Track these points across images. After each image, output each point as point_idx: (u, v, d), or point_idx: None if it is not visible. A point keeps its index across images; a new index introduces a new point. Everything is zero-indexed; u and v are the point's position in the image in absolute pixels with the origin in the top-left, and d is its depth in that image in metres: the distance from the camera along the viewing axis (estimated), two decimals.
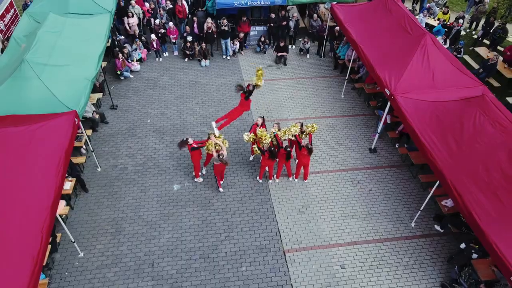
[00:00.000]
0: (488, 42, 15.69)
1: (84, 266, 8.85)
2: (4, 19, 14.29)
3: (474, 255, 8.52)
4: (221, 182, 10.46)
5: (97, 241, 9.33)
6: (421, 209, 9.61)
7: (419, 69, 10.65)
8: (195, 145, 9.84)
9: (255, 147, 10.09)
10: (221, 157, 9.52)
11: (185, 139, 9.88)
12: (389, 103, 10.73)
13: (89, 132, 11.47)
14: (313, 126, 10.20)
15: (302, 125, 10.37)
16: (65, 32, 11.40)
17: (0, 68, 10.69)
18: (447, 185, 8.28)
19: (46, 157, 8.04)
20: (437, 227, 9.78)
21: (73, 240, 8.77)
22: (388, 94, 10.43)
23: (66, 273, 8.70)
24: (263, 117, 10.65)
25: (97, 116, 11.95)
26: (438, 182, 8.81)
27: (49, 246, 8.40)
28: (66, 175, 9.39)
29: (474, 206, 7.71)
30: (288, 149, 10.07)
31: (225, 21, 14.56)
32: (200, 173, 10.73)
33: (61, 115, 9.08)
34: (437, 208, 10.10)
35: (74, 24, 11.97)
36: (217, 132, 10.12)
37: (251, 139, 10.18)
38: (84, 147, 11.17)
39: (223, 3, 14.65)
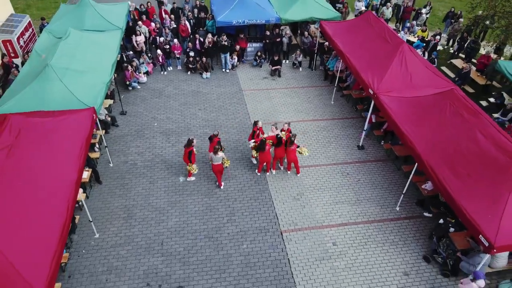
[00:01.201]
0: (463, 56, 17.25)
1: (100, 245, 9.72)
2: (23, 36, 15.71)
3: (451, 229, 9.52)
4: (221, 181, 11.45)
5: (111, 224, 10.25)
6: (403, 192, 10.70)
7: (398, 72, 12.02)
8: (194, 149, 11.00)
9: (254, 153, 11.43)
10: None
11: (190, 138, 10.94)
12: (373, 102, 12.03)
13: (102, 132, 12.55)
14: (304, 151, 11.46)
15: (289, 124, 11.75)
16: (83, 44, 12.79)
17: (24, 74, 11.94)
18: (424, 166, 9.41)
19: (70, 142, 9.13)
20: (426, 214, 10.74)
21: (91, 220, 9.70)
22: (372, 93, 11.74)
23: (84, 251, 9.57)
24: (256, 121, 11.85)
25: (109, 119, 13.12)
26: (416, 164, 9.93)
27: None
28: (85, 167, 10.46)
29: (448, 182, 8.80)
30: (279, 136, 11.15)
31: (225, 37, 16.08)
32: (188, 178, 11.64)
33: (82, 110, 10.25)
34: (419, 194, 11.16)
35: (90, 38, 13.40)
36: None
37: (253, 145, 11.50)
38: (97, 146, 12.25)
39: (223, 21, 16.23)
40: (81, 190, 10.21)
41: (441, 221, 9.76)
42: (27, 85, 10.87)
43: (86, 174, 10.59)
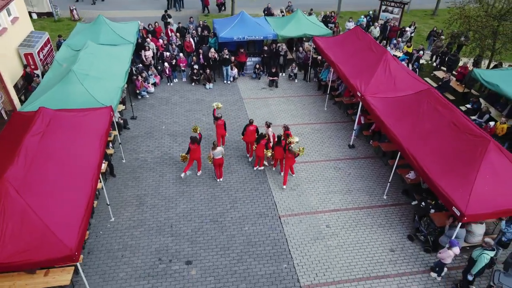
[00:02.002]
0: (445, 68, 18.81)
1: (115, 227, 10.74)
2: (43, 50, 17.19)
3: (432, 210, 10.63)
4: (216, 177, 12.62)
5: (124, 210, 11.30)
6: (389, 181, 11.87)
7: (383, 77, 13.45)
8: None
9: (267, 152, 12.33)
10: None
11: (194, 137, 12.07)
12: (360, 104, 13.37)
13: (116, 132, 13.76)
14: (300, 149, 12.26)
15: (287, 128, 13.01)
16: (99, 55, 14.23)
17: (47, 79, 13.28)
18: (406, 153, 10.63)
19: (92, 132, 10.32)
20: (413, 203, 11.80)
21: (108, 203, 10.78)
22: (360, 95, 13.10)
23: (101, 232, 10.57)
24: (251, 120, 13.14)
25: (121, 121, 14.36)
26: (399, 154, 11.14)
27: None
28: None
29: (426, 165, 10.00)
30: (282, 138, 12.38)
31: (226, 51, 17.62)
32: (183, 174, 12.50)
33: (101, 108, 11.49)
34: (404, 184, 12.30)
35: (105, 50, 14.88)
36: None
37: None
38: (111, 144, 13.43)
39: (225, 37, 17.82)
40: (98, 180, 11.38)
41: (422, 203, 10.86)
42: (52, 87, 12.21)
43: (103, 166, 11.72)
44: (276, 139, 12.44)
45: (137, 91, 16.59)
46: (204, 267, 9.78)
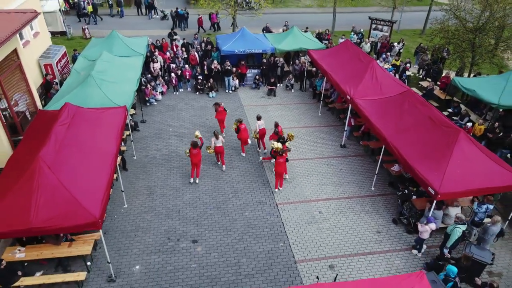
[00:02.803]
0: (430, 79, 20.35)
1: (128, 212, 11.91)
2: (60, 62, 18.75)
3: (414, 196, 11.82)
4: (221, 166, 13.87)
5: (136, 198, 12.48)
6: (376, 173, 13.10)
7: (370, 82, 14.91)
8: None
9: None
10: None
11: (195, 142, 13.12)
12: (350, 107, 14.76)
13: (129, 132, 15.07)
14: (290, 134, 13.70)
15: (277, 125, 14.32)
16: (114, 63, 15.74)
17: (68, 85, 14.70)
18: (389, 145, 11.93)
19: (110, 126, 11.65)
20: (399, 193, 13.00)
21: (122, 190, 11.98)
22: (349, 98, 14.51)
23: (115, 216, 11.73)
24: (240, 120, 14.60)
25: (132, 123, 15.71)
26: (383, 147, 12.43)
27: None
28: None
29: (406, 153, 11.28)
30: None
31: (228, 62, 19.19)
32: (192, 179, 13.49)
33: (117, 107, 12.87)
34: (390, 177, 13.53)
35: (119, 59, 16.41)
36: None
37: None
38: (123, 143, 14.72)
39: (227, 50, 19.43)
40: None
41: (405, 191, 12.06)
42: (72, 90, 13.63)
43: (118, 160, 12.97)
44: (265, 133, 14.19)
45: (146, 99, 18.04)
46: (208, 245, 10.90)
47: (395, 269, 10.33)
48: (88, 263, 10.04)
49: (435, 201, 10.18)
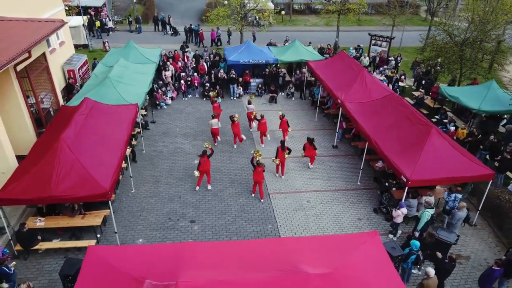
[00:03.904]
0: (423, 90, 21.57)
1: (135, 196, 13.34)
2: (81, 69, 20.73)
3: (393, 188, 12.95)
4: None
5: (143, 185, 13.94)
6: (361, 168, 14.31)
7: (360, 88, 16.26)
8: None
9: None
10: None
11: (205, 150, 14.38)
12: (341, 109, 16.10)
13: (138, 129, 16.67)
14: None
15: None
16: (129, 68, 17.55)
17: (87, 86, 16.50)
18: (370, 141, 13.18)
19: (122, 119, 13.24)
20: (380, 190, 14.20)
21: (131, 175, 13.47)
22: (340, 102, 15.87)
23: (124, 199, 13.18)
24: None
25: (143, 122, 17.36)
26: (367, 143, 13.67)
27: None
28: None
29: (384, 147, 12.51)
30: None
31: (233, 71, 20.86)
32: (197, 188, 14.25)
33: (129, 105, 14.51)
34: (375, 173, 14.69)
35: (134, 65, 18.24)
36: None
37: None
38: (133, 139, 16.31)
39: (233, 60, 21.14)
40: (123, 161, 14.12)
41: (386, 183, 13.20)
42: (91, 90, 15.40)
43: (128, 151, 14.55)
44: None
45: (157, 102, 19.75)
46: (204, 225, 12.20)
47: None
48: (98, 235, 11.45)
49: (406, 188, 11.33)
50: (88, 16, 34.26)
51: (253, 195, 13.70)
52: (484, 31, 18.26)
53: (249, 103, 18.11)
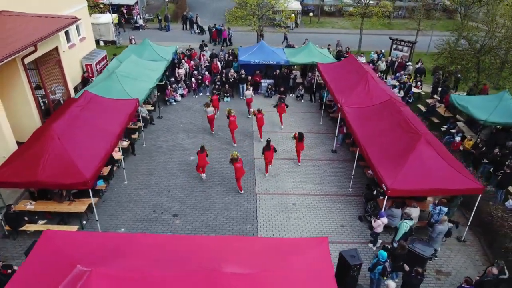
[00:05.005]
0: (439, 98, 20.66)
1: (127, 187, 13.87)
2: (100, 64, 21.78)
3: (381, 197, 12.58)
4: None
5: (136, 177, 14.46)
6: (352, 174, 14.01)
7: (362, 93, 15.92)
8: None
9: None
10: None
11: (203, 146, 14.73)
12: (340, 115, 15.83)
13: (141, 124, 17.25)
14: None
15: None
16: (139, 65, 18.24)
17: (97, 80, 17.34)
18: (360, 147, 12.90)
19: (119, 113, 13.78)
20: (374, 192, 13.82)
21: (123, 167, 14.03)
22: (339, 105, 15.61)
23: (116, 190, 13.74)
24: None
25: (148, 117, 17.96)
26: (358, 149, 13.38)
27: (108, 168, 13.66)
28: (126, 138, 15.14)
29: (371, 153, 12.22)
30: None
31: (243, 71, 21.05)
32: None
33: (130, 99, 15.08)
34: (368, 181, 14.31)
35: (144, 62, 18.91)
36: None
37: None
38: (137, 133, 16.92)
39: (243, 60, 21.35)
40: (120, 153, 14.70)
41: (375, 191, 12.85)
42: (98, 83, 16.16)
43: (126, 144, 15.16)
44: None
45: (166, 99, 20.34)
46: (186, 220, 12.49)
47: None
48: (84, 222, 12.05)
49: (386, 197, 11.00)
50: (119, 14, 35.74)
51: (241, 192, 13.89)
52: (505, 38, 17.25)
53: (248, 89, 19.38)
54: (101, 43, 31.36)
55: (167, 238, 8.35)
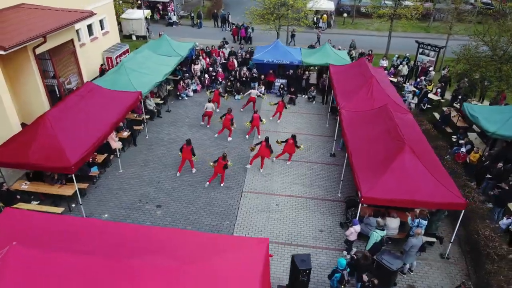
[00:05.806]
0: (457, 106, 19.48)
1: (121, 176, 14.46)
2: (121, 57, 22.77)
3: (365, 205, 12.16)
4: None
5: (132, 167, 15.02)
6: (341, 179, 13.65)
7: (364, 96, 15.41)
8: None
9: None
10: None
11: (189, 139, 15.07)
12: (339, 118, 15.44)
13: (146, 116, 17.84)
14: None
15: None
16: (151, 59, 18.87)
17: (109, 72, 18.16)
18: (348, 152, 12.54)
19: (118, 104, 14.38)
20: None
21: (118, 156, 14.65)
22: (339, 109, 15.24)
23: (110, 177, 14.38)
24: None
25: (155, 110, 18.56)
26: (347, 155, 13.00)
27: (104, 156, 14.31)
28: (127, 130, 15.78)
29: (355, 159, 11.90)
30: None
31: (255, 70, 21.10)
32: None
33: (132, 92, 15.67)
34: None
35: (157, 57, 19.52)
36: None
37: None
38: (142, 125, 17.53)
39: (257, 59, 21.39)
40: (120, 143, 15.31)
41: (356, 198, 12.43)
42: (110, 75, 16.96)
43: (126, 134, 15.80)
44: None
45: (178, 93, 20.87)
46: (167, 211, 12.82)
47: (317, 264, 10.93)
48: (73, 205, 12.75)
49: (360, 204, 10.63)
50: (155, 10, 37.08)
51: (222, 184, 14.14)
52: None
53: (253, 88, 20.03)
54: (134, 38, 32.76)
55: (123, 227, 8.65)
